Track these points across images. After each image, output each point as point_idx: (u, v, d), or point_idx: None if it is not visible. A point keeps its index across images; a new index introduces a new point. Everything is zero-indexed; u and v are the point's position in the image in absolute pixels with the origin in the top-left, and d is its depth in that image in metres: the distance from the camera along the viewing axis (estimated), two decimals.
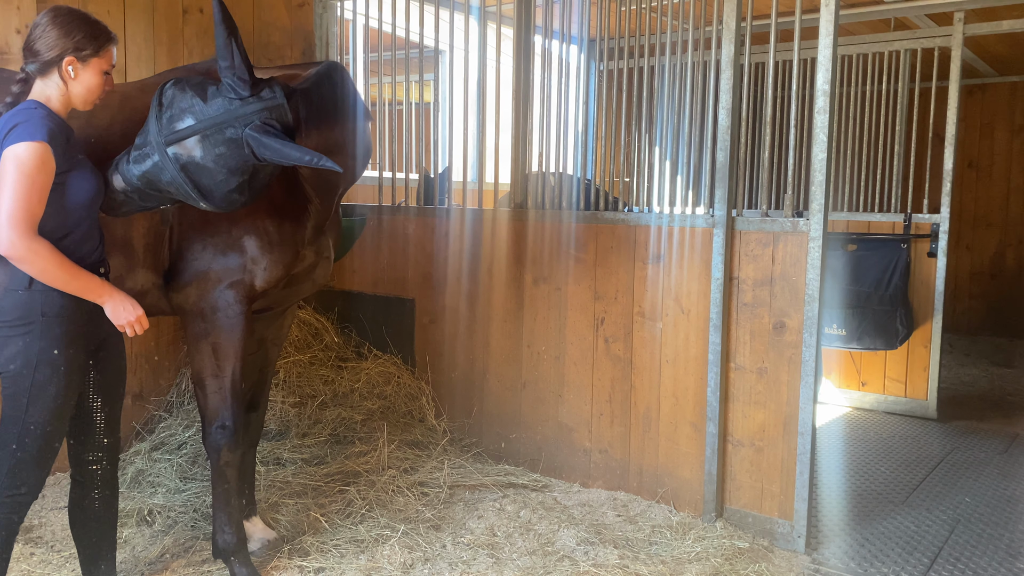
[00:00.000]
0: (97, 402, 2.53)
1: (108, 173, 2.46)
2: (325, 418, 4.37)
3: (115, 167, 2.46)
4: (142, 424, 4.28)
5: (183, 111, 2.39)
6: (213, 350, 2.82)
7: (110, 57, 2.38)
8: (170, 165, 2.38)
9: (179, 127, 2.39)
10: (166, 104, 2.42)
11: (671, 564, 3.14)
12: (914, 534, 3.60)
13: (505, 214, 4.25)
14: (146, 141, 2.42)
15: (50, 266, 2.19)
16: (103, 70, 2.37)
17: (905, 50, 5.54)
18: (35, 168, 2.15)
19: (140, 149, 2.43)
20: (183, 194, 2.45)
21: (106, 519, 2.63)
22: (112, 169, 2.47)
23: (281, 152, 2.38)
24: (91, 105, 2.41)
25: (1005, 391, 6.39)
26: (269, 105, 2.45)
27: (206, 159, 2.39)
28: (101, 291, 2.32)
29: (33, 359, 2.26)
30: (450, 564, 3.14)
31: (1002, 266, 8.17)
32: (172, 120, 2.39)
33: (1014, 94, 8.05)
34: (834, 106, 3.29)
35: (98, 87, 2.38)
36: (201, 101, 2.40)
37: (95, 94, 2.39)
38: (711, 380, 3.54)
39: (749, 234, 3.47)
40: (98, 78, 2.36)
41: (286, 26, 4.98)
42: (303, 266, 3.01)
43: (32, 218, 2.16)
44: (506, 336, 4.25)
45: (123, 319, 2.35)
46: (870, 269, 5.39)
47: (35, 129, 2.17)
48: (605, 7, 4.14)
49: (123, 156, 2.47)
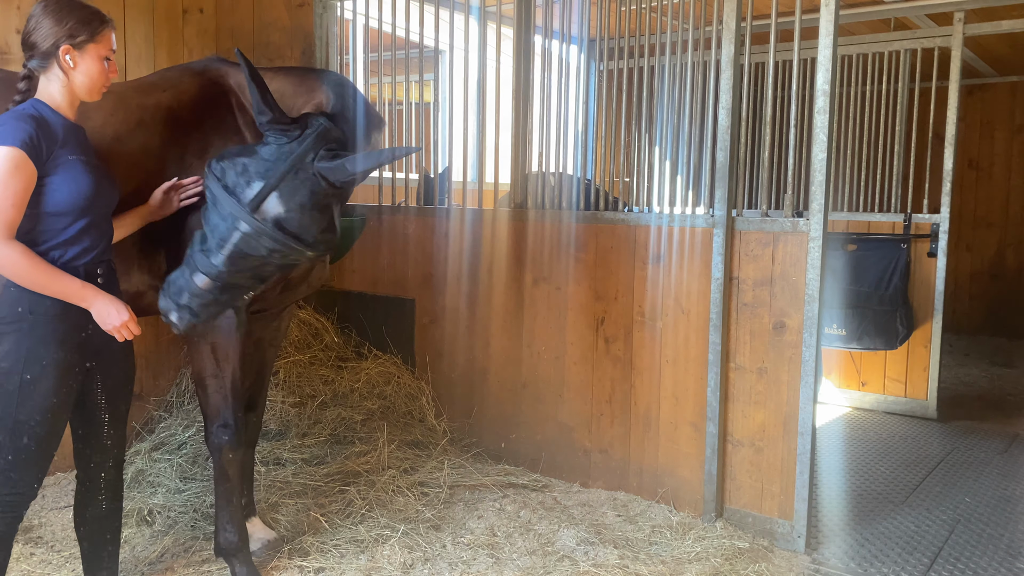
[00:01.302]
0: (103, 403, 2.50)
1: (169, 296, 2.41)
2: (325, 418, 4.37)
3: (177, 283, 2.41)
4: (142, 424, 4.28)
5: (247, 177, 2.35)
6: (212, 350, 2.82)
7: (108, 42, 2.33)
8: (266, 227, 2.32)
9: (254, 192, 2.33)
10: (225, 179, 2.37)
11: (671, 564, 3.14)
12: (914, 534, 3.60)
13: (505, 214, 4.25)
14: (220, 223, 2.35)
15: (21, 271, 2.16)
16: (102, 56, 2.32)
17: (905, 50, 5.54)
18: (9, 174, 2.12)
19: (211, 237, 2.37)
20: (284, 251, 2.37)
21: (110, 520, 2.62)
22: (175, 287, 2.41)
23: (356, 166, 2.36)
24: (98, 94, 2.38)
25: (1005, 391, 6.38)
26: (319, 132, 2.43)
27: (291, 210, 2.34)
28: (83, 295, 2.27)
29: (22, 357, 2.23)
30: (450, 564, 3.14)
31: (1002, 266, 8.17)
32: (242, 189, 2.34)
33: (1014, 94, 8.06)
34: (834, 106, 3.29)
35: (100, 74, 2.33)
36: (257, 160, 2.37)
37: (99, 81, 2.34)
38: (711, 380, 3.54)
39: (749, 234, 3.47)
40: (98, 64, 2.31)
41: (286, 26, 4.98)
42: (300, 269, 3.00)
43: (7, 224, 2.13)
44: (506, 336, 4.25)
45: (109, 324, 2.30)
46: (870, 269, 5.39)
47: (9, 134, 2.14)
48: (605, 7, 4.14)
49: (184, 268, 2.41)
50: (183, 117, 2.87)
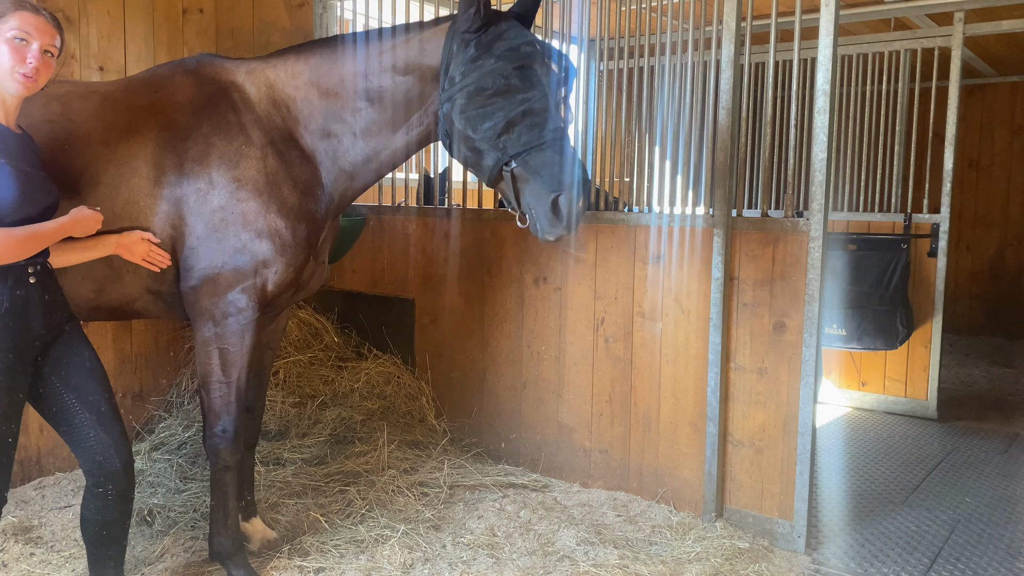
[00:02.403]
0: (72, 402, 2.37)
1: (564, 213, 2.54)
2: (325, 418, 4.37)
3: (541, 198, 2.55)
4: (142, 424, 4.28)
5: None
6: (221, 354, 2.76)
7: (22, 23, 2.14)
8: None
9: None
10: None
11: (671, 564, 3.14)
12: (914, 534, 3.60)
13: (505, 214, 4.25)
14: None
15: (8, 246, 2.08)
16: (13, 38, 2.13)
17: (905, 50, 5.54)
18: None
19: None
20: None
21: (116, 523, 2.51)
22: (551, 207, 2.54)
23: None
24: (28, 86, 2.19)
25: (1005, 391, 6.38)
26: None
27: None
28: (59, 231, 2.19)
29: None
30: (450, 564, 3.14)
31: (1002, 266, 8.17)
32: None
33: (1014, 94, 8.06)
34: (834, 106, 3.29)
35: (17, 62, 2.14)
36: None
37: (16, 70, 2.15)
38: (711, 380, 3.54)
39: (749, 234, 3.47)
40: (7, 46, 2.13)
41: (286, 26, 4.98)
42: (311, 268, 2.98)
43: None
44: (506, 336, 4.25)
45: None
46: (870, 269, 5.39)
47: None
48: (605, 7, 4.14)
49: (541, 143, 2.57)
50: (179, 120, 2.75)
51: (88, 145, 2.64)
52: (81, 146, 2.63)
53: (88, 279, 2.70)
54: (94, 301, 2.77)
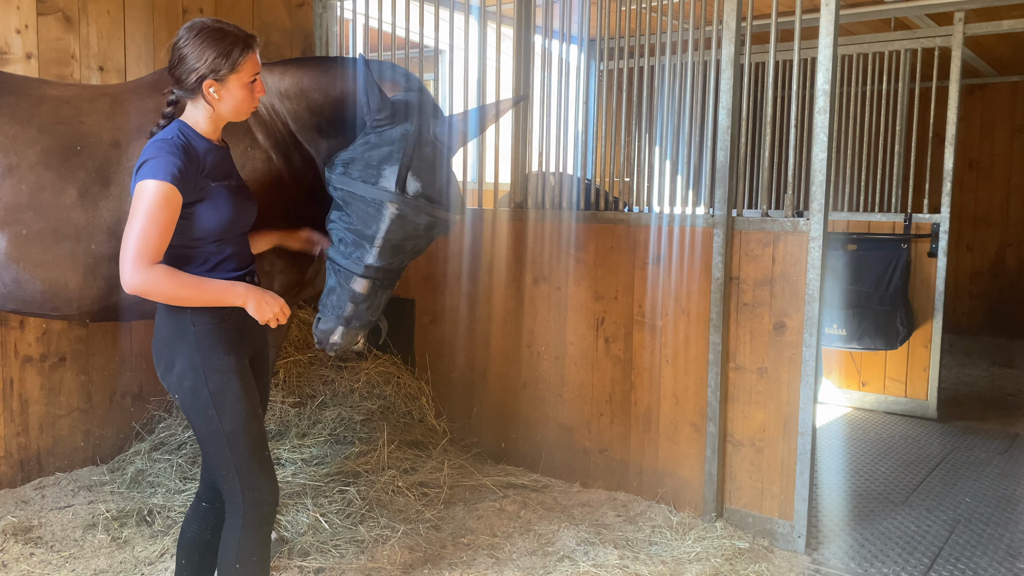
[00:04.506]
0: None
1: (330, 318, 2.55)
2: (325, 418, 4.37)
3: (333, 302, 2.56)
4: (142, 424, 4.28)
5: (376, 168, 2.49)
6: None
7: (252, 66, 2.29)
8: (419, 202, 2.47)
9: (395, 176, 2.47)
10: (352, 178, 2.49)
11: (671, 564, 3.14)
12: (914, 534, 3.60)
13: (505, 214, 4.24)
14: (362, 220, 2.49)
15: (168, 288, 2.13)
16: (246, 82, 2.28)
17: (905, 50, 5.54)
18: (157, 206, 2.10)
19: (355, 240, 2.51)
20: (434, 222, 2.53)
21: (214, 545, 2.50)
22: (333, 306, 2.55)
23: (471, 121, 2.64)
24: (246, 115, 2.37)
25: (1005, 391, 6.38)
26: (420, 106, 2.62)
27: (428, 181, 2.51)
28: (235, 293, 2.23)
29: (200, 370, 2.23)
30: (450, 564, 3.14)
31: (1002, 266, 8.17)
32: (377, 179, 2.48)
33: (1014, 94, 8.05)
34: (834, 106, 3.29)
35: (246, 99, 2.31)
36: (379, 148, 2.50)
37: (246, 105, 2.32)
38: (711, 380, 3.54)
39: (749, 234, 3.47)
40: (243, 91, 2.28)
41: (286, 26, 4.98)
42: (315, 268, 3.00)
43: (152, 252, 2.10)
44: (506, 336, 4.25)
45: (268, 313, 2.25)
46: (870, 269, 5.39)
47: (162, 167, 2.12)
48: (605, 7, 4.14)
49: (334, 285, 2.57)
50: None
51: (99, 147, 2.66)
52: (93, 148, 2.65)
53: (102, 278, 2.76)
54: (101, 302, 2.80)
